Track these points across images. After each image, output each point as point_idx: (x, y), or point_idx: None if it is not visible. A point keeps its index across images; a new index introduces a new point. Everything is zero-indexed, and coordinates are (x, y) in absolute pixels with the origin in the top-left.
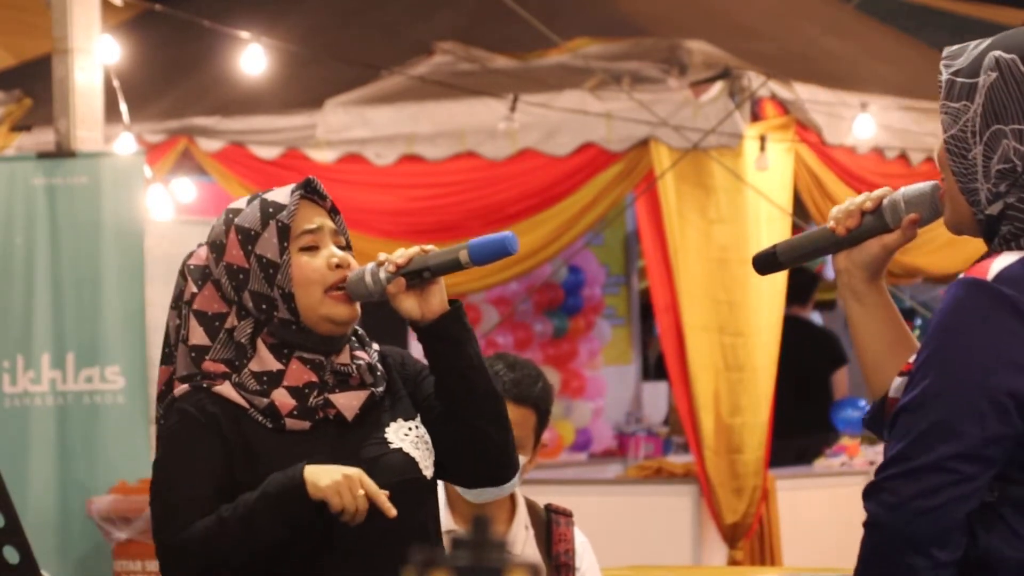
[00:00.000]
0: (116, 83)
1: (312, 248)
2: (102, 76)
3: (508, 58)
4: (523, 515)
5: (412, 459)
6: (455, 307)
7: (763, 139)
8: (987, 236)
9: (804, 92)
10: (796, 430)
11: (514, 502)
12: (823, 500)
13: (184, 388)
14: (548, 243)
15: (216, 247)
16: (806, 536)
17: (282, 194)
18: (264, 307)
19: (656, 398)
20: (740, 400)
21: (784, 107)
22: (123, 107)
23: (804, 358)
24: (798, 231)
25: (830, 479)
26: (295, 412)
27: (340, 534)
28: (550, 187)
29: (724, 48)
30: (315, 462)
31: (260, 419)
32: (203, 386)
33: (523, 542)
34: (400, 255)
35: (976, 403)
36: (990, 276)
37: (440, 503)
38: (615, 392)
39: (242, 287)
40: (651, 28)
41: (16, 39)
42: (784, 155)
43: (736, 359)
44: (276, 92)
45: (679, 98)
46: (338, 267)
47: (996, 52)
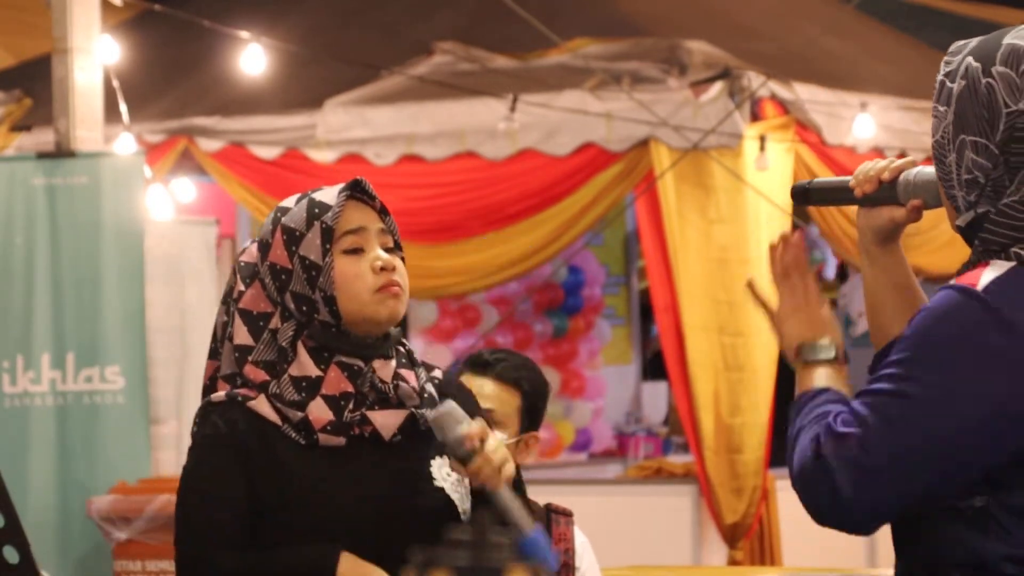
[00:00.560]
0: (116, 83)
1: (356, 250)
2: (102, 76)
3: (508, 58)
4: None
5: (451, 502)
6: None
7: (763, 139)
8: (968, 242)
9: (804, 92)
10: None
11: None
12: None
13: (221, 396)
14: (548, 243)
15: (263, 246)
16: (806, 536)
17: (330, 194)
18: (305, 309)
19: (656, 398)
20: (740, 400)
21: (784, 107)
22: (123, 107)
23: None
24: (798, 231)
25: None
26: (329, 427)
27: None
28: (550, 187)
29: (724, 48)
30: (350, 484)
31: (293, 435)
32: (238, 399)
33: None
34: (485, 469)
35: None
36: (980, 286)
37: None
38: (615, 392)
39: (284, 288)
40: (651, 28)
41: (16, 39)
42: (784, 155)
43: (736, 359)
44: (276, 92)
45: (679, 98)
46: (383, 270)
47: (969, 58)
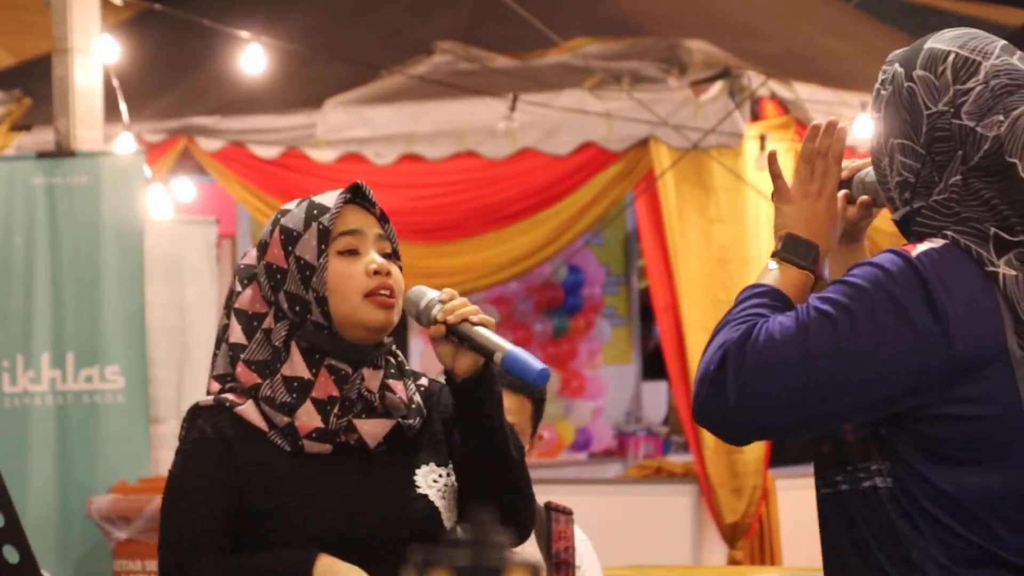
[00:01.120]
0: (116, 83)
1: (352, 252)
2: (102, 76)
3: (508, 58)
4: None
5: (436, 509)
6: (484, 372)
7: (763, 139)
8: (904, 235)
9: (804, 92)
10: None
11: None
12: None
13: (209, 401)
14: (548, 243)
15: (261, 246)
16: (806, 536)
17: (330, 197)
18: (298, 309)
19: (656, 398)
20: None
21: (784, 107)
22: (123, 107)
23: None
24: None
25: None
26: (314, 435)
27: None
28: (550, 187)
29: (724, 48)
30: (335, 492)
31: (278, 442)
32: (226, 404)
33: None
34: (457, 309)
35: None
36: (914, 253)
37: None
38: (615, 392)
39: (279, 287)
40: (651, 28)
41: (16, 39)
42: (784, 155)
43: None
44: (276, 91)
45: (679, 98)
46: (376, 273)
47: (896, 64)
